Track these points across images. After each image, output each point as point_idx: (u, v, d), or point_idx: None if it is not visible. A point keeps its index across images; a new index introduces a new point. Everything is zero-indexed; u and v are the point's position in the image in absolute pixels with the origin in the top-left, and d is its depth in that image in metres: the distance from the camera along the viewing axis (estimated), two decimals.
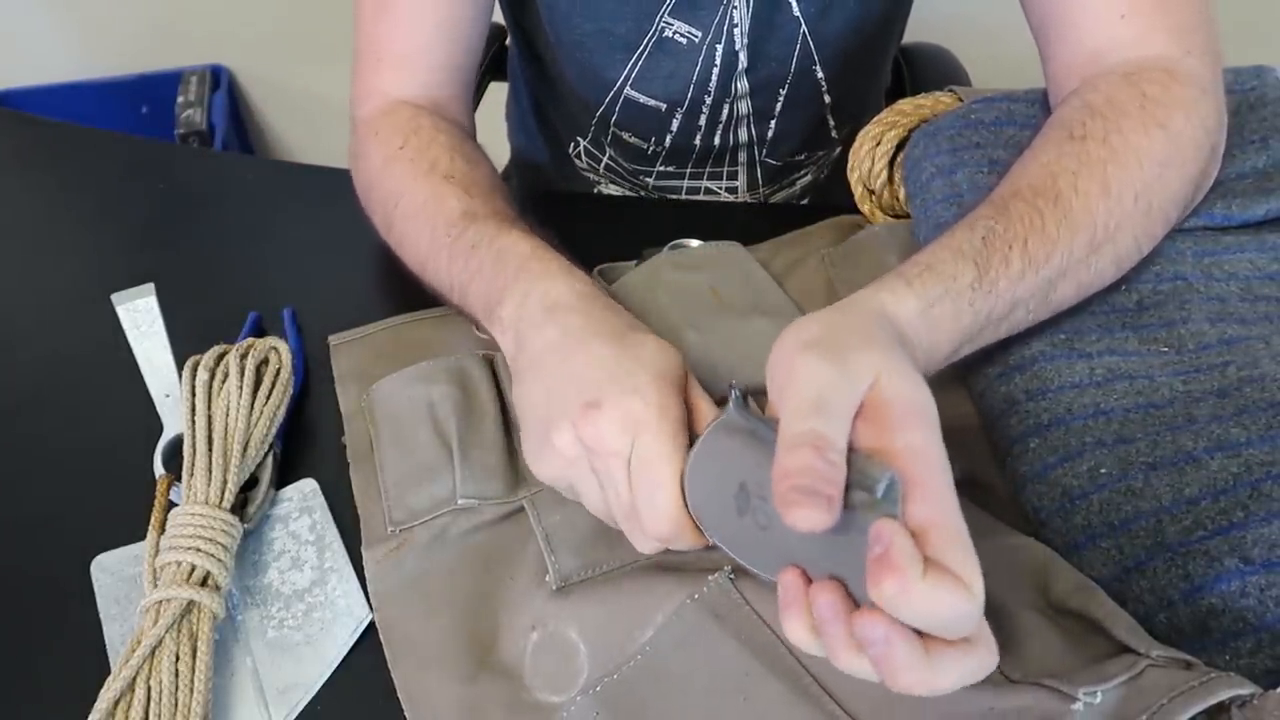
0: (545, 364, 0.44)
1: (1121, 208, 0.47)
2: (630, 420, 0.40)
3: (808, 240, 0.63)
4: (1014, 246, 0.44)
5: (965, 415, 0.51)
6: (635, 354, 0.43)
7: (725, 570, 0.42)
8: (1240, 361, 0.45)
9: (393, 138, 0.61)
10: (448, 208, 0.55)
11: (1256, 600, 0.37)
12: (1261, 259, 0.51)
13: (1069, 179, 0.47)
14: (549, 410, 0.43)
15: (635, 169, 0.82)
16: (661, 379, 0.41)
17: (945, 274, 0.43)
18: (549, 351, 0.45)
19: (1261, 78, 0.57)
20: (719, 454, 0.39)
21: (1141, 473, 0.42)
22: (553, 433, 0.42)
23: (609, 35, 0.70)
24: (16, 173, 0.78)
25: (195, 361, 0.52)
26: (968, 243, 0.45)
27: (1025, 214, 0.46)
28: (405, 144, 0.60)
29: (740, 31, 0.69)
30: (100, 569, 0.48)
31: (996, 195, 0.48)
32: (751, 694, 0.39)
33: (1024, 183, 0.48)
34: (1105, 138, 0.48)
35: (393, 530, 0.48)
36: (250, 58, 1.77)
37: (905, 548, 0.31)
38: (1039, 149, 0.50)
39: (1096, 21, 0.54)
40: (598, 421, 0.40)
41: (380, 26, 0.64)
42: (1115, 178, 0.47)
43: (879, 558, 0.31)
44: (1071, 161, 0.48)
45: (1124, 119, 0.49)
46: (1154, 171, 0.48)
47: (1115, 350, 0.47)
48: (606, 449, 0.40)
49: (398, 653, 0.44)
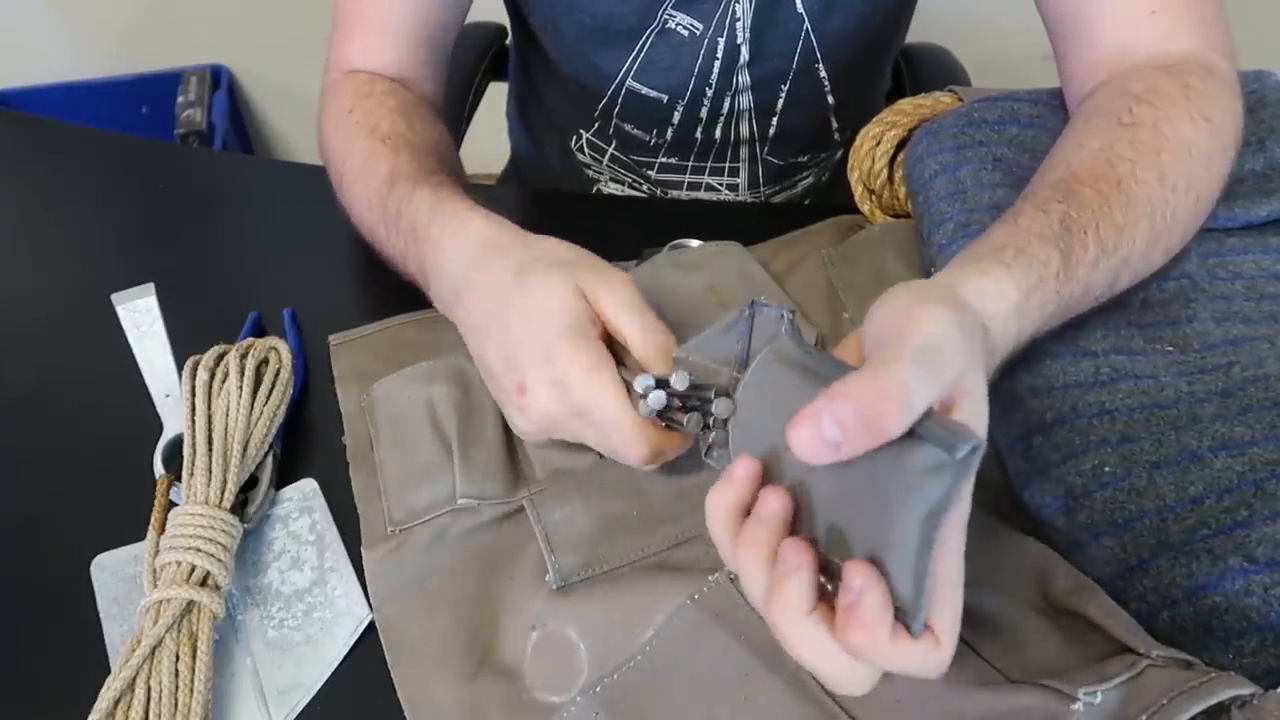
0: (472, 345, 0.50)
1: (1176, 198, 0.46)
2: (555, 389, 0.43)
3: (808, 240, 0.62)
4: (1088, 232, 0.43)
5: None
6: (529, 317, 0.44)
7: (725, 570, 0.42)
8: (1245, 361, 0.45)
9: (345, 101, 0.63)
10: (377, 171, 0.57)
11: (1260, 599, 0.37)
12: (1266, 259, 0.51)
13: (1127, 166, 0.46)
14: (499, 395, 0.48)
15: (638, 161, 0.82)
16: (560, 331, 0.43)
17: (1038, 260, 0.41)
18: (469, 334, 0.50)
19: (1262, 81, 0.57)
20: (769, 385, 0.38)
21: (1145, 471, 0.42)
22: (513, 414, 0.47)
23: (612, 25, 0.70)
24: (16, 173, 0.78)
25: (195, 361, 0.52)
26: (1048, 227, 0.43)
27: (1092, 200, 0.44)
28: (355, 107, 0.62)
29: (742, 26, 0.69)
30: (100, 569, 0.48)
31: (1054, 179, 0.46)
32: (751, 694, 0.39)
33: (1080, 168, 0.46)
34: (1155, 125, 0.48)
35: (393, 530, 0.48)
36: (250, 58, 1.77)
37: (875, 605, 0.30)
38: (1085, 134, 0.49)
39: (1125, 17, 0.54)
40: (532, 405, 0.44)
41: (355, 2, 0.66)
42: (1169, 167, 0.46)
43: (848, 607, 0.31)
44: (1125, 148, 0.47)
45: (1171, 108, 0.49)
46: (1201, 163, 0.48)
47: (1121, 349, 0.47)
48: (553, 420, 0.44)
49: (398, 653, 0.44)
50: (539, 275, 0.45)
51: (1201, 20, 0.53)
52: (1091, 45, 0.55)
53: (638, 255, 0.60)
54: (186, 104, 1.66)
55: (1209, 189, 0.49)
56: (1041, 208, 0.44)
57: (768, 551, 0.34)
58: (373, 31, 0.66)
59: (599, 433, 0.44)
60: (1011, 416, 0.46)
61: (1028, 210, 0.44)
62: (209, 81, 1.71)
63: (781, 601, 0.33)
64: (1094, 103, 0.52)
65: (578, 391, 0.43)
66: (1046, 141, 0.57)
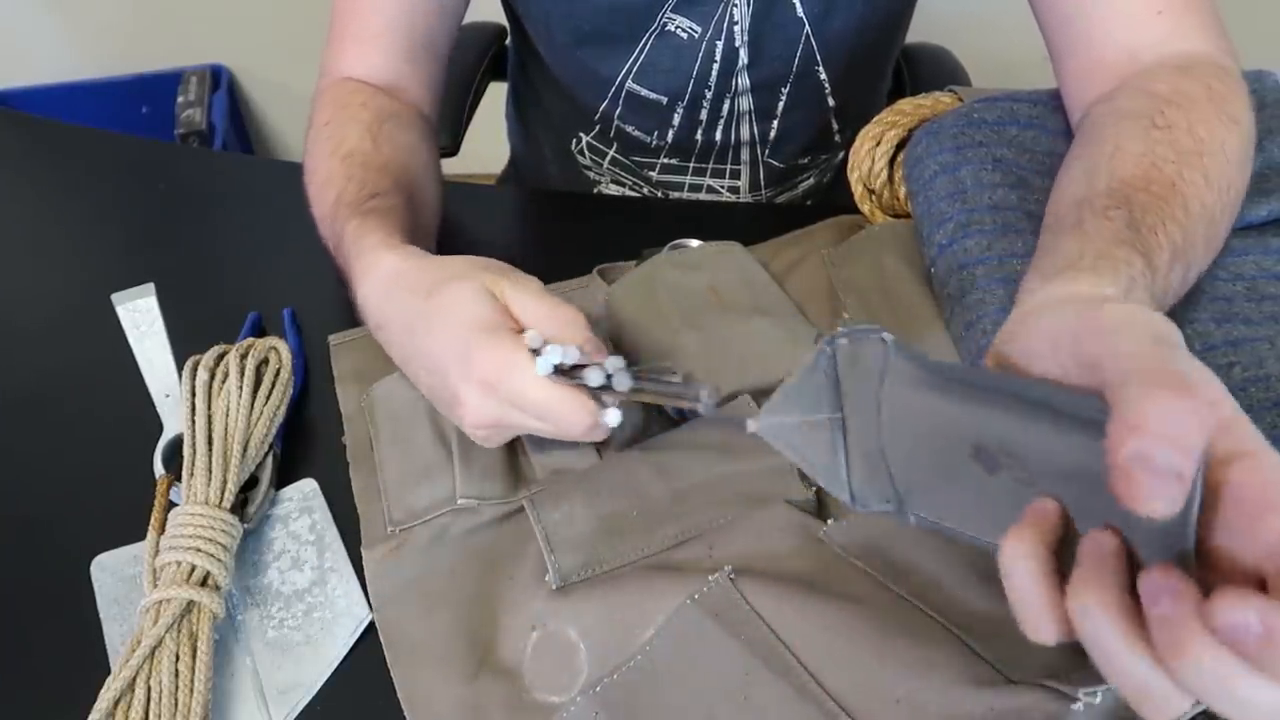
0: (408, 375, 0.51)
1: (1222, 199, 0.46)
2: (483, 388, 0.44)
3: (808, 240, 0.62)
4: (1158, 232, 0.42)
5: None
6: (445, 329, 0.45)
7: (725, 570, 0.42)
8: (1245, 362, 0.45)
9: (324, 113, 0.63)
10: (327, 196, 0.57)
11: None
12: (1267, 260, 0.51)
13: (1173, 169, 0.45)
14: (445, 413, 0.49)
15: (639, 162, 0.82)
16: (473, 333, 0.44)
17: (1120, 260, 0.39)
18: (400, 365, 0.51)
19: (1261, 81, 0.57)
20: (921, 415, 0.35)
21: None
22: (463, 426, 0.47)
23: (610, 29, 0.70)
24: (16, 173, 0.78)
25: (195, 361, 0.52)
26: (1115, 232, 0.41)
27: (1151, 203, 0.43)
28: (330, 120, 0.62)
29: (740, 29, 0.69)
30: (100, 569, 0.48)
31: (1105, 187, 0.45)
32: (751, 694, 0.39)
33: (1127, 174, 0.45)
34: (1190, 128, 0.47)
35: (392, 530, 0.48)
36: (250, 58, 1.77)
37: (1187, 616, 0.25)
38: (1120, 138, 0.48)
39: (1130, 18, 0.54)
40: (469, 412, 0.45)
41: (349, 6, 0.66)
42: (1211, 169, 0.46)
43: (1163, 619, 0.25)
44: (1167, 150, 0.46)
45: (1200, 110, 0.48)
46: (1235, 165, 0.48)
47: None
48: (494, 419, 0.45)
49: (398, 653, 0.44)
50: (447, 290, 0.46)
51: (1203, 21, 0.53)
52: (1094, 45, 0.55)
53: (638, 255, 0.60)
54: (186, 104, 1.66)
55: (1240, 191, 0.49)
56: (1101, 214, 0.43)
57: (1118, 594, 0.27)
58: (363, 39, 0.66)
59: (537, 417, 0.44)
60: None
61: (1088, 219, 0.43)
62: (209, 81, 1.71)
63: (1190, 636, 0.25)
64: (1116, 105, 0.51)
65: (503, 385, 0.43)
66: (1046, 142, 0.57)
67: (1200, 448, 0.26)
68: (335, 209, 0.56)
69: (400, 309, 0.48)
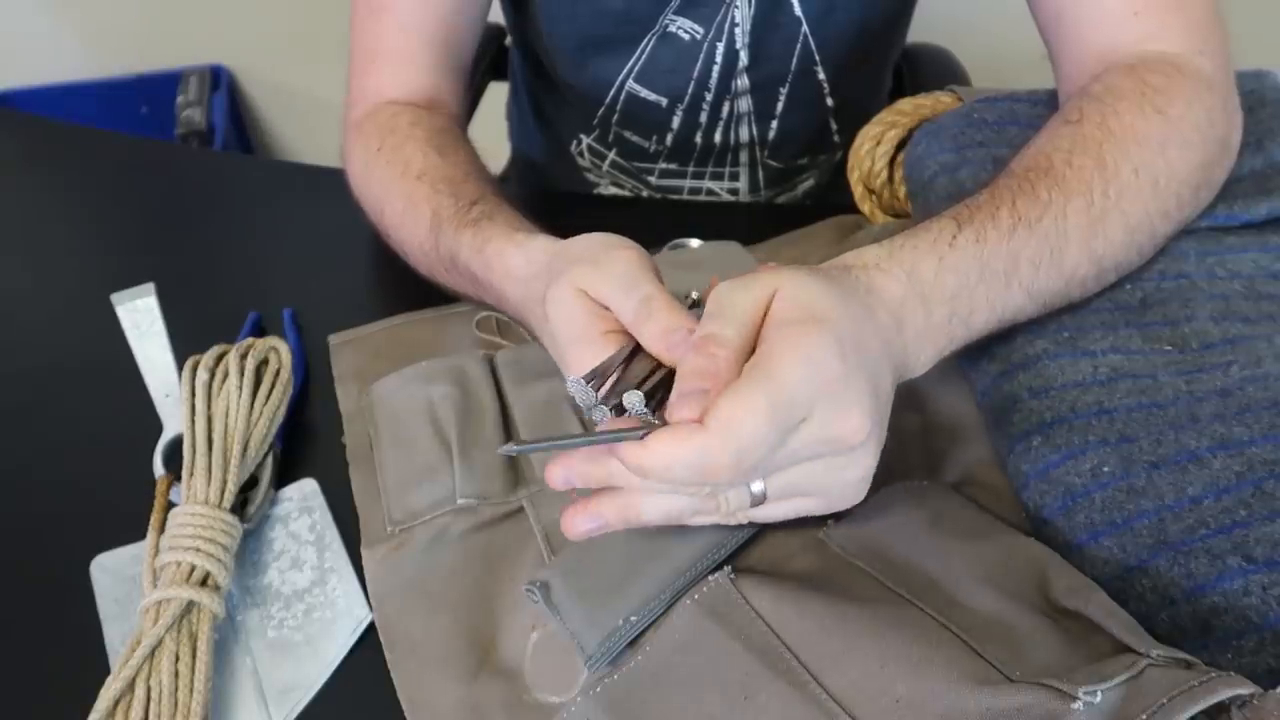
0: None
1: (1120, 179, 0.47)
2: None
3: (808, 240, 0.62)
4: (1001, 207, 0.45)
5: (965, 414, 0.51)
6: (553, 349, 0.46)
7: (725, 570, 0.42)
8: (1243, 360, 0.45)
9: (371, 140, 0.61)
10: (421, 216, 0.56)
11: (1259, 599, 0.37)
12: (1265, 258, 0.51)
13: (1063, 156, 0.47)
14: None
15: (639, 167, 0.82)
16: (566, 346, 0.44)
17: (917, 230, 0.44)
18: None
19: (1261, 81, 0.57)
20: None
21: (1144, 471, 0.42)
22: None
23: (615, 30, 0.70)
24: (16, 173, 0.78)
25: (195, 361, 0.52)
26: (946, 213, 0.45)
27: (1012, 184, 0.46)
28: (382, 145, 0.60)
29: (741, 30, 0.69)
30: (100, 569, 0.48)
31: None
32: (751, 694, 0.39)
33: (1018, 165, 0.48)
34: (1102, 120, 0.49)
35: (393, 530, 0.48)
36: (250, 58, 1.77)
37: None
38: (1036, 137, 0.51)
39: (1107, 18, 0.54)
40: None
41: (372, 28, 0.64)
42: (1111, 153, 0.47)
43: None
44: (1065, 142, 0.48)
45: (1120, 103, 0.49)
46: (1154, 149, 0.48)
47: (1119, 348, 0.47)
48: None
49: (398, 653, 0.44)
50: (549, 297, 0.44)
51: (1189, 22, 0.53)
52: (1078, 47, 0.56)
53: None
54: (186, 104, 1.66)
55: (1168, 174, 0.48)
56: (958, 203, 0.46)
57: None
58: (394, 59, 0.64)
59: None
60: (1010, 417, 0.46)
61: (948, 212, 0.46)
62: (209, 81, 1.71)
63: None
64: (1060, 108, 0.53)
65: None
66: None
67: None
68: (437, 227, 0.54)
69: (534, 323, 0.49)
